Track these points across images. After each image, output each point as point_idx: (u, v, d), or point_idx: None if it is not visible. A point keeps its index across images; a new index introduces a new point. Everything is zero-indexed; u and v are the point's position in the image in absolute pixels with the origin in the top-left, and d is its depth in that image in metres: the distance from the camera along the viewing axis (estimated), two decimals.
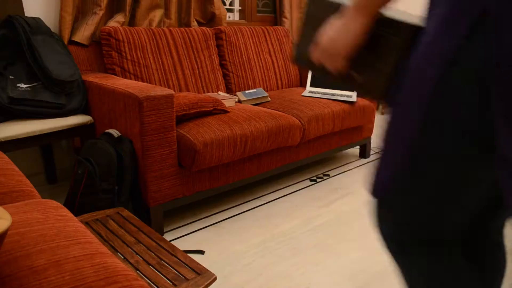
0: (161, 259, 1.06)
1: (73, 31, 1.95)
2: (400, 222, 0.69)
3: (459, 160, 0.60)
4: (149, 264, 1.04)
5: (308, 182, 2.18)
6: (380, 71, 0.68)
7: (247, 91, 2.16)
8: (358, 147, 2.68)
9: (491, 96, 0.53)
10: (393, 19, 0.65)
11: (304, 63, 0.80)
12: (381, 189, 0.69)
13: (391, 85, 0.67)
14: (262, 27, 2.53)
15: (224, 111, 1.78)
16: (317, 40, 0.71)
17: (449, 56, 0.55)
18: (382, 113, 3.86)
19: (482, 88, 0.54)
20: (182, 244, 1.56)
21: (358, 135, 2.41)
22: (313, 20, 0.75)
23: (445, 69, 0.56)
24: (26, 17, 1.67)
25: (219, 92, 2.18)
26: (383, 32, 0.67)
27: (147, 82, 1.96)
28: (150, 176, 1.48)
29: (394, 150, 0.65)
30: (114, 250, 1.09)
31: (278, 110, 2.00)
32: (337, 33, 0.66)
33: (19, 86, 1.57)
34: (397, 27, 0.65)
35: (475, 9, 0.52)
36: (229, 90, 2.34)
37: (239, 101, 2.12)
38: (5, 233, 0.46)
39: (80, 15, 2.00)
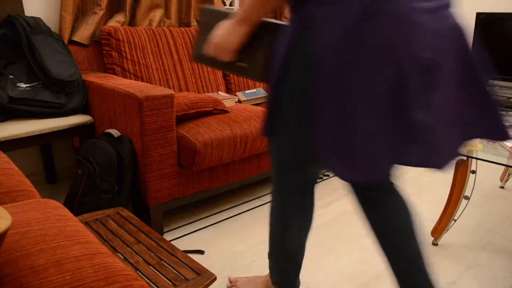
0: (161, 259, 1.06)
1: (73, 30, 1.95)
2: (272, 157, 1.00)
3: (297, 117, 0.86)
4: (149, 264, 1.03)
5: None
6: (258, 59, 0.96)
7: (247, 91, 2.16)
8: None
9: (313, 67, 0.79)
10: (266, 21, 0.92)
11: (201, 60, 1.03)
12: (264, 133, 0.96)
13: (267, 69, 0.95)
14: None
15: (224, 111, 1.78)
16: (211, 39, 0.95)
17: (292, 41, 0.81)
18: None
19: (308, 62, 0.79)
20: (182, 244, 1.56)
21: None
22: (207, 26, 1.00)
23: (289, 49, 0.82)
24: (26, 16, 1.67)
25: (219, 92, 2.18)
26: (260, 30, 0.93)
27: (147, 82, 1.96)
28: (150, 176, 1.48)
29: (267, 107, 0.91)
30: (114, 250, 1.09)
31: None
32: (227, 34, 0.92)
33: (19, 86, 1.57)
34: (269, 27, 0.92)
35: (306, 13, 0.78)
36: (229, 90, 2.34)
37: (239, 101, 2.12)
38: (5, 232, 0.46)
39: (80, 15, 2.00)
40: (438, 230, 1.56)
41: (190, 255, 1.48)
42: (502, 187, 2.17)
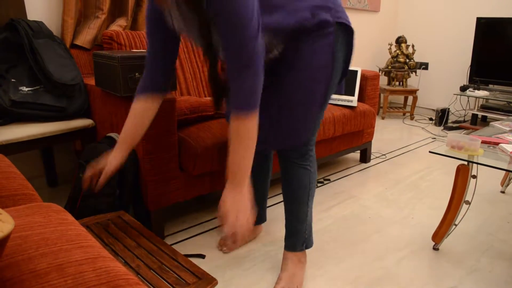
0: (162, 263, 1.06)
1: (75, 34, 1.96)
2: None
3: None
4: (150, 268, 1.03)
5: None
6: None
7: None
8: (359, 151, 2.68)
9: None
10: None
11: None
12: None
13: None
14: None
15: None
16: (231, 227, 1.00)
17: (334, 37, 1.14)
18: (382, 118, 3.86)
19: (346, 46, 1.19)
20: (183, 248, 1.56)
21: (358, 140, 2.41)
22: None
23: (334, 42, 1.14)
24: (29, 20, 1.68)
25: None
26: None
27: None
28: (151, 180, 1.48)
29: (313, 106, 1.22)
30: (115, 254, 1.09)
31: None
32: (245, 211, 1.03)
33: (21, 89, 1.57)
34: None
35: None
36: None
37: None
38: (8, 236, 0.46)
39: (82, 19, 2.01)
40: (439, 235, 1.56)
41: (191, 259, 1.48)
42: (502, 192, 2.17)
